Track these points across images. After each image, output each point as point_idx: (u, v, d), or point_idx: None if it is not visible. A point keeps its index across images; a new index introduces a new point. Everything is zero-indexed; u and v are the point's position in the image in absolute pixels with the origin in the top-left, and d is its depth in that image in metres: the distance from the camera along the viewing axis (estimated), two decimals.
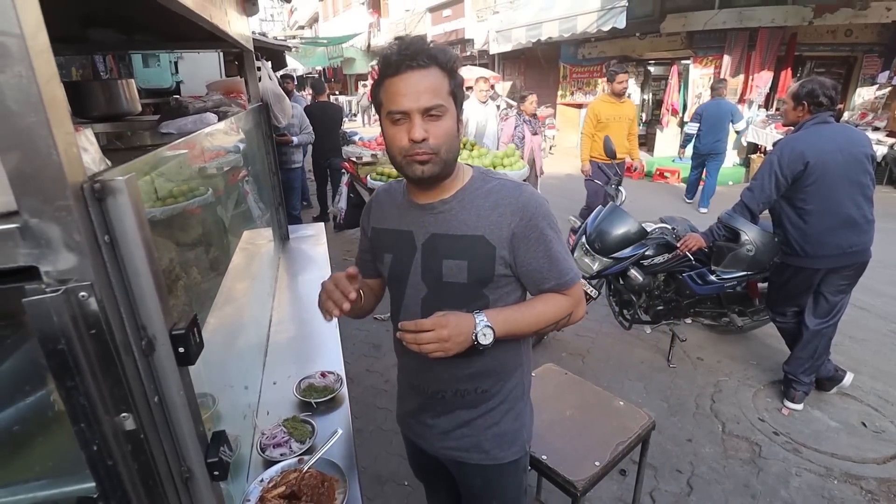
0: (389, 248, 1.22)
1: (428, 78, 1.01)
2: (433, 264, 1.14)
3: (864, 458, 2.57)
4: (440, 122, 1.03)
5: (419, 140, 1.01)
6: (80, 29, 2.13)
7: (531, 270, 1.13)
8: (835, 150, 2.52)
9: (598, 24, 8.72)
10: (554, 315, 1.17)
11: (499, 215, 1.10)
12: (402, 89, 1.01)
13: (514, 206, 1.10)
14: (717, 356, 3.51)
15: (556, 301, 1.16)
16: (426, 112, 1.01)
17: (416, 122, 1.01)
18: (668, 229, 3.32)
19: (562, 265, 1.14)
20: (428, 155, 1.03)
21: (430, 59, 1.01)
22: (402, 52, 1.00)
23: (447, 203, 1.14)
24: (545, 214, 1.13)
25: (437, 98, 1.02)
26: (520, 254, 1.12)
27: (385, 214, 1.25)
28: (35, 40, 0.47)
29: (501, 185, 1.14)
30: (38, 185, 0.49)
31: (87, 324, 0.53)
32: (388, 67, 1.02)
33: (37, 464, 0.67)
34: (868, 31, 7.94)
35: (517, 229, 1.10)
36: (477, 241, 1.11)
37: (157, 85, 4.81)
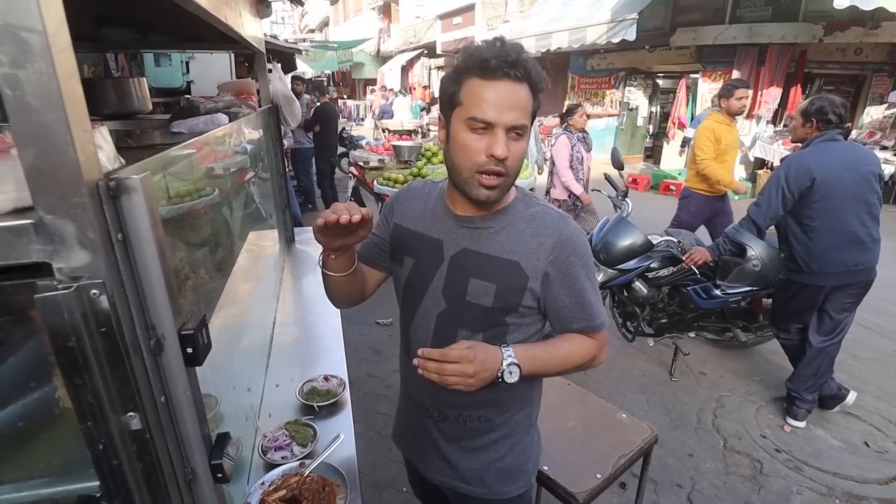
0: (412, 252, 1.15)
1: (520, 93, 0.93)
2: (459, 280, 1.08)
3: (867, 479, 2.54)
4: (519, 143, 0.96)
5: (502, 158, 0.94)
6: (95, 27, 2.15)
7: (560, 309, 1.07)
8: (842, 167, 2.52)
9: (608, 36, 8.75)
10: (580, 359, 1.11)
11: (538, 245, 1.04)
12: (492, 97, 0.92)
13: (556, 238, 1.04)
14: (720, 371, 3.49)
15: (584, 345, 1.10)
16: (511, 130, 0.94)
17: (499, 138, 0.93)
18: (673, 242, 3.31)
19: (592, 309, 1.08)
20: (501, 177, 0.97)
21: (525, 74, 0.93)
22: (503, 57, 0.91)
23: (486, 220, 1.07)
24: (584, 253, 1.07)
25: (524, 118, 0.94)
26: (551, 290, 1.06)
27: (414, 215, 1.17)
28: (57, 37, 0.47)
29: (545, 214, 1.07)
30: (55, 181, 0.49)
31: (97, 321, 0.53)
32: (482, 69, 0.92)
33: (40, 461, 0.66)
34: (878, 50, 7.94)
35: (553, 264, 1.04)
36: (511, 266, 1.04)
37: (168, 84, 4.84)
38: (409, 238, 1.16)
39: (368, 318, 4.13)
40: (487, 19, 14.64)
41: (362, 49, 21.68)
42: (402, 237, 1.17)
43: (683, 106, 9.95)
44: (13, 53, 0.45)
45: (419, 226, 1.15)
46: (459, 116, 0.96)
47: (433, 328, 1.12)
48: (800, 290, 2.76)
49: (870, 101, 8.36)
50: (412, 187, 1.23)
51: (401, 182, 4.59)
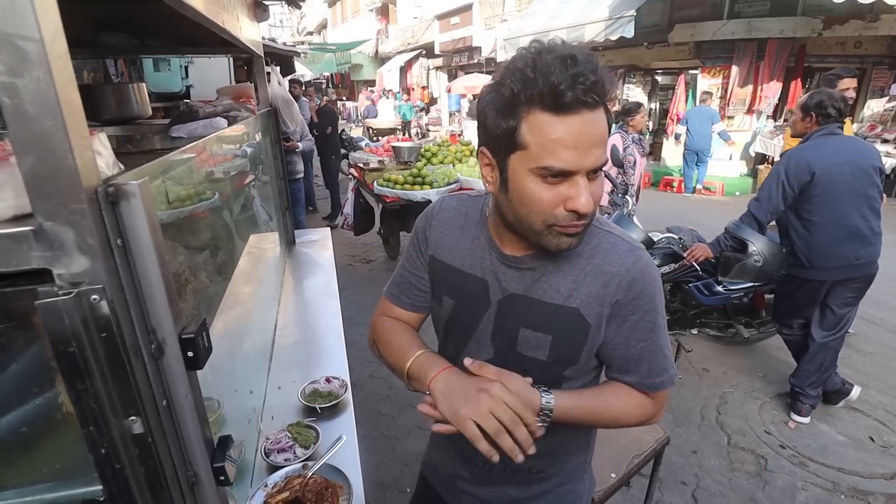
0: (452, 291, 0.98)
1: (600, 122, 0.74)
2: (508, 329, 0.92)
3: (872, 473, 2.54)
4: (598, 182, 0.79)
5: (586, 213, 0.77)
6: (93, 33, 2.16)
7: (617, 357, 0.91)
8: (842, 161, 2.52)
9: (606, 34, 8.73)
10: (632, 419, 0.94)
11: (601, 286, 0.86)
12: (570, 138, 0.72)
13: (623, 276, 0.86)
14: (723, 367, 3.49)
15: (640, 404, 0.93)
16: (592, 172, 0.76)
17: (581, 188, 0.75)
18: (674, 239, 3.31)
19: (656, 361, 0.90)
20: (583, 226, 0.80)
21: (603, 94, 0.72)
22: (580, 82, 0.69)
23: (538, 259, 0.88)
24: (655, 294, 0.88)
25: (605, 152, 0.77)
26: (609, 334, 0.89)
27: (451, 244, 0.98)
28: (54, 45, 0.47)
29: (610, 245, 0.88)
30: (54, 188, 0.49)
31: (98, 326, 0.53)
32: (555, 102, 0.70)
33: (43, 466, 0.67)
34: (878, 43, 7.93)
35: (618, 306, 0.87)
36: (569, 314, 0.87)
37: (168, 89, 4.86)
38: (447, 275, 0.98)
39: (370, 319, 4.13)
40: (485, 19, 14.64)
41: (360, 51, 21.72)
42: (439, 272, 1.00)
43: (682, 102, 9.93)
44: (10, 62, 0.45)
45: (457, 259, 0.97)
46: (523, 163, 0.76)
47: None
48: (801, 285, 2.76)
49: (870, 94, 8.34)
50: (444, 207, 1.01)
51: (401, 183, 4.59)
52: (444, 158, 5.11)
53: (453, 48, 16.43)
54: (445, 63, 18.40)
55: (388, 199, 4.59)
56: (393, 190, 4.56)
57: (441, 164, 5.02)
